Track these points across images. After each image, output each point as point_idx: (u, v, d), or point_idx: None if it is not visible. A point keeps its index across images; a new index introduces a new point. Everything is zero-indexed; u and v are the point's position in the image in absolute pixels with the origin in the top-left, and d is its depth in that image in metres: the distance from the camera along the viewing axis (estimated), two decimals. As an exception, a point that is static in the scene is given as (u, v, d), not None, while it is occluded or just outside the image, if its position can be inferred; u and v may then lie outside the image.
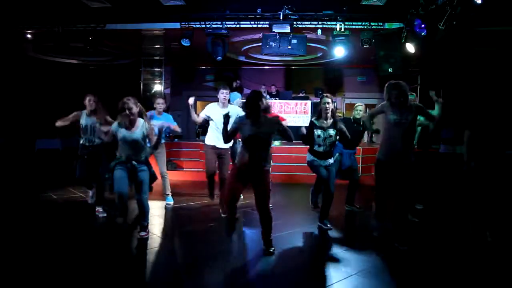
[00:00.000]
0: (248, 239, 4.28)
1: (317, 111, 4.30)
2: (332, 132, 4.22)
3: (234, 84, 10.77)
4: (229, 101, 4.86)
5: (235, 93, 5.92)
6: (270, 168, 3.68)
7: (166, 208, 5.40)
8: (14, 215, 4.90)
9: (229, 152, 4.91)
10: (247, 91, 11.38)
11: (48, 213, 5.03)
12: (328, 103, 4.19)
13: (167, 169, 5.76)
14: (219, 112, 4.48)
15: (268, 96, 10.48)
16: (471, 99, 8.16)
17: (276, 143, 7.89)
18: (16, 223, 4.54)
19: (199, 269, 3.27)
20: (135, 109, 3.77)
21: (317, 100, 10.25)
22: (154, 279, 3.09)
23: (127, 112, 3.71)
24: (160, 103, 5.42)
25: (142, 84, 9.12)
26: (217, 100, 4.81)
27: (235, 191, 3.54)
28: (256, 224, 4.75)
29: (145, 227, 4.00)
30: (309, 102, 9.66)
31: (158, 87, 9.12)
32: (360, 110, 5.19)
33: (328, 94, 4.32)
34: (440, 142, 9.02)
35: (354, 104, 5.77)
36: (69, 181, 7.27)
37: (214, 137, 4.73)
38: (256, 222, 4.81)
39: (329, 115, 4.20)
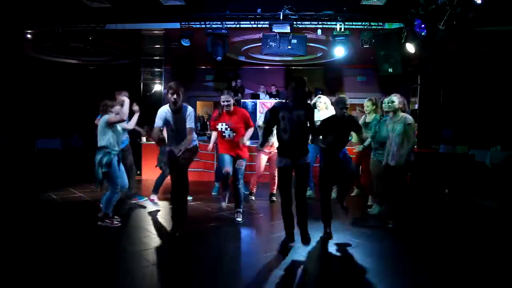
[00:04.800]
0: (248, 241, 4.28)
1: (284, 97, 3.93)
2: (300, 112, 3.60)
3: (233, 84, 10.77)
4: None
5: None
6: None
7: (162, 207, 5.43)
8: (14, 215, 4.90)
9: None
10: (248, 91, 11.39)
11: (48, 213, 5.03)
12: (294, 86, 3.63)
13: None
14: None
15: (267, 96, 10.48)
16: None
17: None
18: (16, 223, 4.54)
19: (198, 268, 3.27)
20: None
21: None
22: (153, 278, 3.09)
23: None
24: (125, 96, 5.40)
25: (142, 84, 9.11)
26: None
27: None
28: (254, 225, 4.77)
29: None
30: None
31: (158, 87, 9.10)
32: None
33: (301, 79, 3.75)
34: (440, 142, 9.02)
35: (355, 104, 5.78)
36: (69, 181, 7.30)
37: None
38: (255, 222, 4.82)
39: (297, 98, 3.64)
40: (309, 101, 4.16)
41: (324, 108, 5.75)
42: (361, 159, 5.59)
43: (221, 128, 4.57)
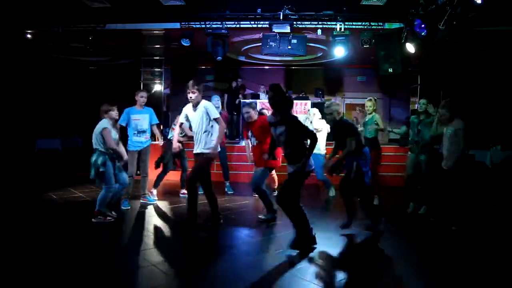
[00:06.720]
0: (249, 240, 4.28)
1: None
2: (281, 129, 3.60)
3: (234, 84, 10.76)
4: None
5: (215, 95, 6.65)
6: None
7: (161, 207, 5.44)
8: (15, 215, 4.90)
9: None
10: (248, 91, 11.39)
11: (48, 213, 5.04)
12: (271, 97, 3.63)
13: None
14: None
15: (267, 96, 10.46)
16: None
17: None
18: (16, 223, 4.55)
19: (198, 268, 3.28)
20: None
21: (317, 100, 10.25)
22: (153, 278, 3.09)
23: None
24: (144, 96, 5.52)
25: (142, 84, 9.11)
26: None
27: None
28: (255, 225, 4.77)
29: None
30: (309, 102, 9.66)
31: (158, 87, 9.11)
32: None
33: (275, 86, 3.68)
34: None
35: (354, 104, 5.81)
36: (69, 181, 7.30)
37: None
38: (256, 222, 4.82)
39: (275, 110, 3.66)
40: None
41: (317, 117, 6.17)
42: None
43: (250, 135, 5.08)
